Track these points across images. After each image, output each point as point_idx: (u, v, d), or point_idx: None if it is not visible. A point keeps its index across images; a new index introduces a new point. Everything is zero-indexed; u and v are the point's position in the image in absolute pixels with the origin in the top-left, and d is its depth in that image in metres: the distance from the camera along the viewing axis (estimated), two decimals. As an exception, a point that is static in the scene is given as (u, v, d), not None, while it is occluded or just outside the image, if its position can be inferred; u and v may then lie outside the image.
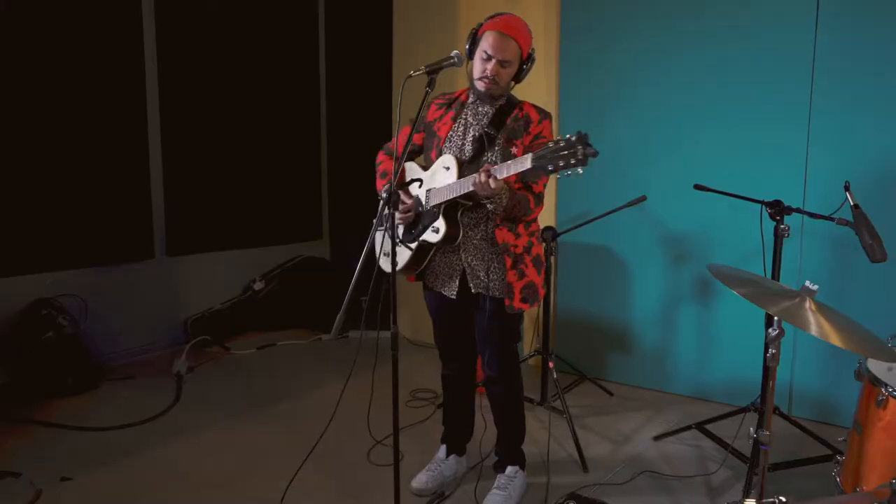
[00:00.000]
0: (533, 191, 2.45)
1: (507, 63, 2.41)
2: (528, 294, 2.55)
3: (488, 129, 2.48)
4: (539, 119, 2.48)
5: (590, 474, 2.98)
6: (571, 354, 4.04)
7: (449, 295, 2.62)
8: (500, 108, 2.51)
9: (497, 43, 2.39)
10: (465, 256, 2.54)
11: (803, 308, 2.04)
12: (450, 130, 2.56)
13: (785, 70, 3.39)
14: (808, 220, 3.17)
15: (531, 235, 2.57)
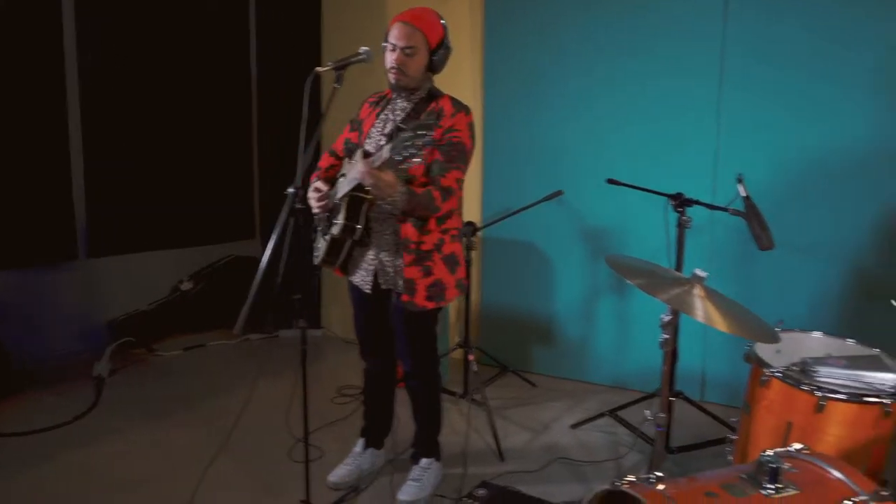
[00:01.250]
0: (440, 185, 2.42)
1: (410, 51, 2.42)
2: (435, 293, 2.55)
3: (401, 124, 2.51)
4: (453, 112, 2.46)
5: (506, 463, 3.05)
6: (496, 347, 4.11)
7: (364, 289, 2.64)
8: (419, 103, 2.53)
9: (399, 32, 2.42)
10: (376, 251, 2.57)
11: (692, 294, 2.13)
12: (371, 126, 2.59)
13: (695, 66, 3.51)
14: (718, 212, 3.28)
15: (444, 233, 2.54)
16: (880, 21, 3.13)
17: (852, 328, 2.68)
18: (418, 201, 2.37)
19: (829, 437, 2.11)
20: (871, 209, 3.25)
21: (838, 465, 1.77)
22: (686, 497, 1.65)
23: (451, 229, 2.57)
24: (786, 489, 1.66)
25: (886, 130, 3.18)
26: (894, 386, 2.10)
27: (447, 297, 2.60)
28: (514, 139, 4.00)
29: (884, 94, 3.16)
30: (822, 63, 3.25)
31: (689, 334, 3.43)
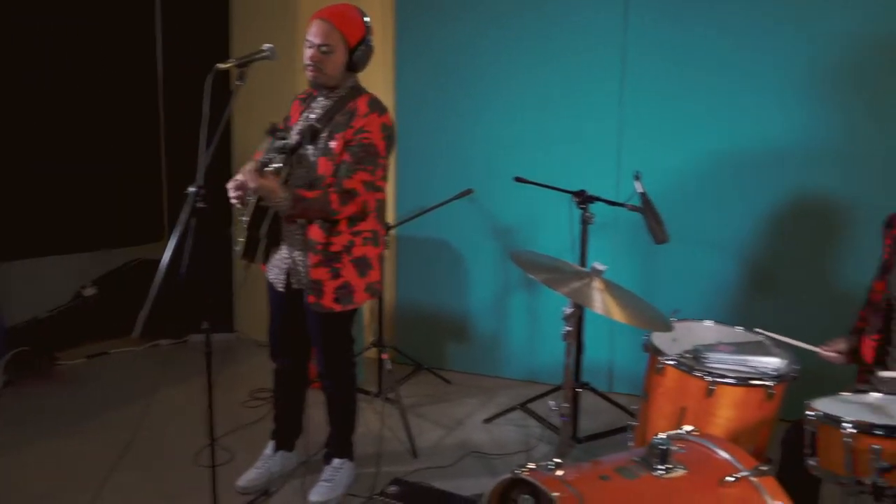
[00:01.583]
0: (342, 187, 2.40)
1: (326, 49, 2.40)
2: (343, 295, 2.53)
3: (316, 123, 2.49)
4: (366, 113, 2.44)
5: (420, 460, 3.07)
6: (411, 345, 4.13)
7: (277, 287, 2.62)
8: (338, 101, 2.51)
9: (316, 29, 2.42)
10: (289, 250, 2.55)
11: (592, 287, 2.21)
12: (295, 123, 2.57)
13: (598, 67, 3.63)
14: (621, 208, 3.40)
15: (356, 235, 2.52)
16: (778, 23, 3.30)
17: (741, 316, 2.83)
18: (307, 205, 2.36)
19: (719, 419, 2.22)
20: (762, 205, 3.44)
21: (723, 445, 1.87)
22: (582, 481, 1.70)
23: (363, 232, 2.54)
24: (674, 469, 1.75)
25: (777, 130, 3.37)
26: (776, 369, 2.23)
27: (355, 301, 2.58)
28: (426, 139, 4.02)
29: (776, 95, 3.35)
30: (720, 63, 3.42)
31: (597, 327, 3.55)
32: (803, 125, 3.33)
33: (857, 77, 3.22)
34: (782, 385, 2.22)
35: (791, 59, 3.31)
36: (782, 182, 3.39)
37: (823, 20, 3.23)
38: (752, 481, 1.75)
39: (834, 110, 3.28)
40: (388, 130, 2.50)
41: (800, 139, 3.34)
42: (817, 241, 3.38)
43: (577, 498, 1.63)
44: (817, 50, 3.26)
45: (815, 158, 3.32)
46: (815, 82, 3.29)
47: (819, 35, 3.25)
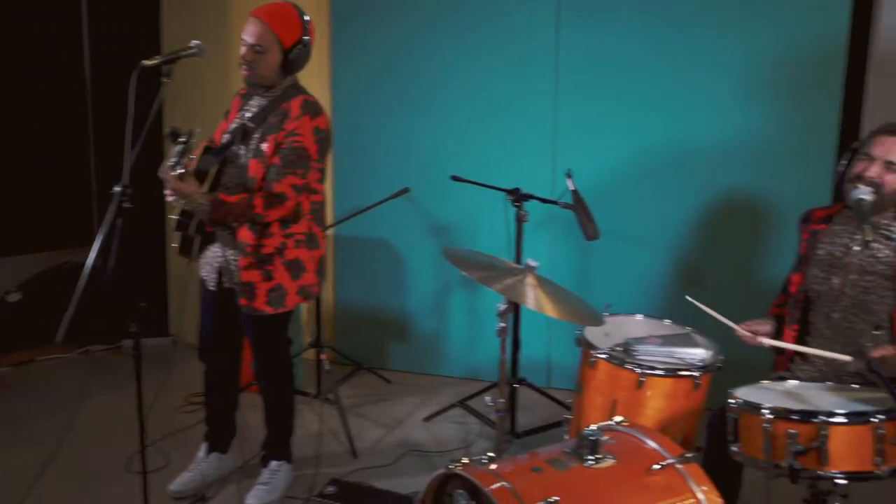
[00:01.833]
0: (271, 191, 2.38)
1: (260, 49, 2.37)
2: (274, 298, 2.51)
3: (248, 122, 2.45)
4: (297, 115, 2.41)
5: (360, 460, 3.07)
6: (351, 346, 4.11)
7: (209, 286, 2.58)
8: (273, 101, 2.47)
9: (251, 28, 2.39)
10: (222, 248, 2.51)
11: (525, 284, 2.24)
12: (231, 121, 2.52)
13: (532, 67, 3.67)
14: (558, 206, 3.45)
15: (288, 237, 2.49)
16: (703, 28, 3.40)
17: (672, 310, 2.92)
18: (228, 210, 2.33)
19: (649, 410, 2.29)
20: (689, 203, 3.54)
21: (651, 435, 1.93)
22: (514, 474, 1.74)
23: (296, 234, 2.51)
24: (604, 459, 1.79)
25: (702, 131, 3.47)
26: (703, 360, 2.31)
27: (287, 304, 2.55)
28: (363, 138, 4.01)
29: (701, 98, 3.45)
30: (649, 65, 3.50)
31: (535, 324, 3.60)
32: (726, 126, 3.43)
33: (775, 81, 3.35)
34: (708, 375, 2.31)
35: (716, 63, 3.41)
36: (708, 181, 3.50)
37: (745, 27, 3.35)
38: (677, 468, 1.81)
39: (754, 112, 3.39)
40: (322, 133, 2.46)
41: (723, 140, 3.44)
42: (742, 237, 3.50)
43: (509, 490, 1.66)
44: (741, 54, 3.37)
45: (738, 158, 3.43)
46: (736, 85, 3.40)
47: (742, 41, 3.36)
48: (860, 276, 2.19)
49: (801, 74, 3.30)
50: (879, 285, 2.16)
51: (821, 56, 3.25)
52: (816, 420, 1.79)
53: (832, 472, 1.79)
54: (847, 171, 2.22)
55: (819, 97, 3.28)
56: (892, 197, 2.14)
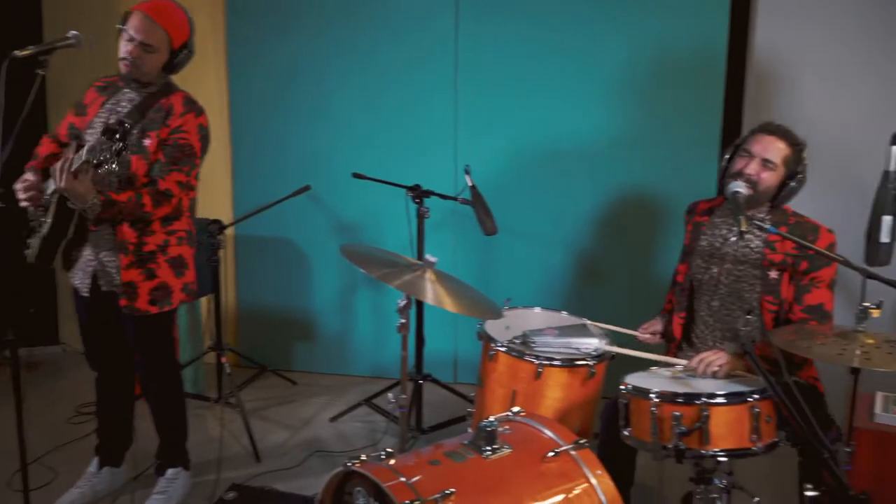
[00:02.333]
0: (157, 188, 2.33)
1: (150, 48, 2.30)
2: (159, 296, 2.44)
3: (125, 119, 2.35)
4: (182, 112, 2.37)
5: (263, 463, 3.01)
6: (255, 348, 4.03)
7: (82, 292, 2.46)
8: (149, 97, 2.38)
9: (139, 25, 2.29)
10: (95, 251, 2.40)
11: (424, 279, 2.25)
12: (96, 115, 2.39)
13: (432, 65, 3.70)
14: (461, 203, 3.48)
15: (170, 234, 2.45)
16: (598, 25, 3.50)
17: (573, 303, 3.01)
18: (119, 209, 2.27)
19: (548, 400, 2.34)
20: (587, 198, 3.65)
21: (547, 423, 1.97)
22: (412, 468, 1.74)
23: (178, 231, 2.47)
24: (500, 449, 1.82)
25: (598, 127, 3.59)
26: (597, 349, 2.38)
27: (173, 302, 2.49)
28: (263, 137, 3.93)
29: (597, 94, 3.56)
30: (544, 63, 3.59)
31: (441, 320, 3.63)
32: (619, 123, 3.56)
33: (663, 79, 3.48)
34: (603, 364, 2.38)
35: (608, 61, 3.53)
36: (604, 176, 3.62)
37: (634, 26, 3.47)
38: (571, 455, 1.86)
39: (644, 109, 3.53)
40: (205, 131, 2.45)
41: (616, 136, 3.57)
42: (636, 230, 3.64)
43: (406, 485, 1.66)
44: (630, 53, 3.50)
45: (630, 153, 3.56)
46: (626, 83, 3.52)
47: (632, 39, 3.49)
48: (734, 266, 2.32)
49: (685, 73, 3.45)
50: (750, 274, 2.29)
51: (703, 55, 3.40)
52: (698, 402, 1.89)
53: (714, 451, 1.90)
54: (729, 167, 2.34)
55: (703, 95, 3.44)
56: (767, 192, 2.28)
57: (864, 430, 2.18)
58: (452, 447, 1.86)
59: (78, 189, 2.15)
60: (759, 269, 2.28)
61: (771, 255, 2.26)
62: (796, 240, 2.15)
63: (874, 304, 1.79)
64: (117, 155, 2.08)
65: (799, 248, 2.20)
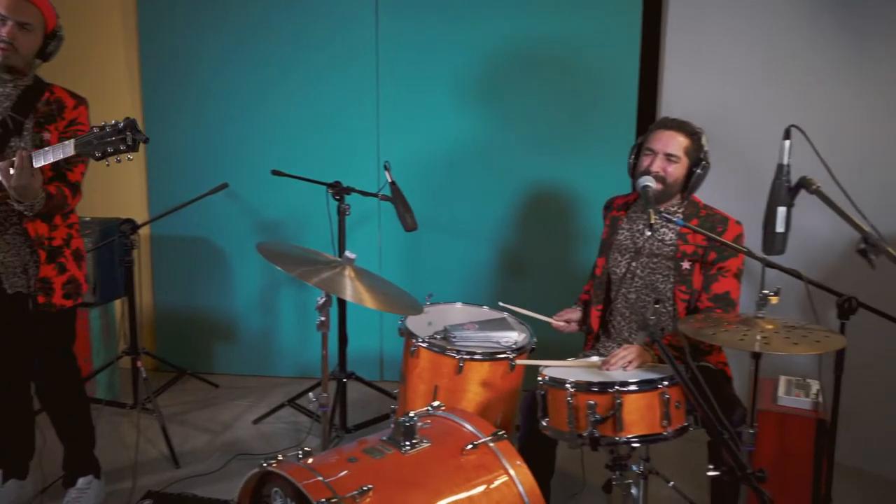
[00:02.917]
0: (69, 181, 2.30)
1: (27, 26, 2.19)
2: (71, 290, 2.39)
3: (13, 114, 2.26)
4: (75, 105, 2.35)
5: (182, 469, 2.93)
6: (174, 351, 3.91)
7: None
8: (26, 90, 2.28)
9: (11, 3, 2.17)
10: None
11: (343, 276, 2.24)
12: None
13: (355, 63, 3.68)
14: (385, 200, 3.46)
15: (70, 227, 2.42)
16: (517, 22, 3.54)
17: (496, 298, 3.01)
18: (55, 203, 2.25)
19: (469, 394, 2.36)
20: (508, 194, 3.70)
21: (466, 417, 1.99)
22: (330, 467, 1.73)
23: (75, 224, 2.46)
24: (420, 444, 1.83)
25: (519, 124, 3.63)
26: (516, 342, 2.41)
27: (82, 293, 2.46)
28: (179, 134, 3.83)
29: (516, 91, 3.61)
30: (465, 60, 3.61)
31: (367, 318, 3.61)
32: (537, 119, 3.61)
33: (579, 74, 3.55)
34: (523, 357, 2.42)
35: (524, 60, 3.57)
36: (524, 172, 3.67)
37: (546, 25, 3.53)
38: (490, 447, 1.88)
39: (560, 105, 3.58)
40: (89, 121, 2.41)
41: (535, 132, 3.62)
42: (556, 224, 3.71)
43: (323, 483, 1.64)
44: (546, 51, 3.55)
45: (550, 149, 3.62)
46: (544, 80, 3.58)
47: (547, 37, 3.54)
48: (650, 259, 2.40)
49: (600, 70, 3.53)
50: (664, 266, 2.37)
51: (618, 51, 3.49)
52: (612, 390, 1.94)
53: (627, 437, 1.95)
54: (636, 166, 2.42)
55: (617, 90, 3.53)
56: (676, 184, 2.36)
57: (768, 412, 2.28)
58: (371, 444, 1.85)
59: (34, 187, 2.09)
60: (673, 261, 2.36)
61: (683, 246, 2.34)
62: (703, 232, 2.23)
63: (772, 292, 1.88)
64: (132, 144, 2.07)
65: (708, 240, 2.29)
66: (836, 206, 1.71)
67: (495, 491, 1.81)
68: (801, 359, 2.64)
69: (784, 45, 3.03)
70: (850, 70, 2.91)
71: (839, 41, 2.92)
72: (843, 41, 2.91)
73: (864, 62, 2.89)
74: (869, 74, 2.90)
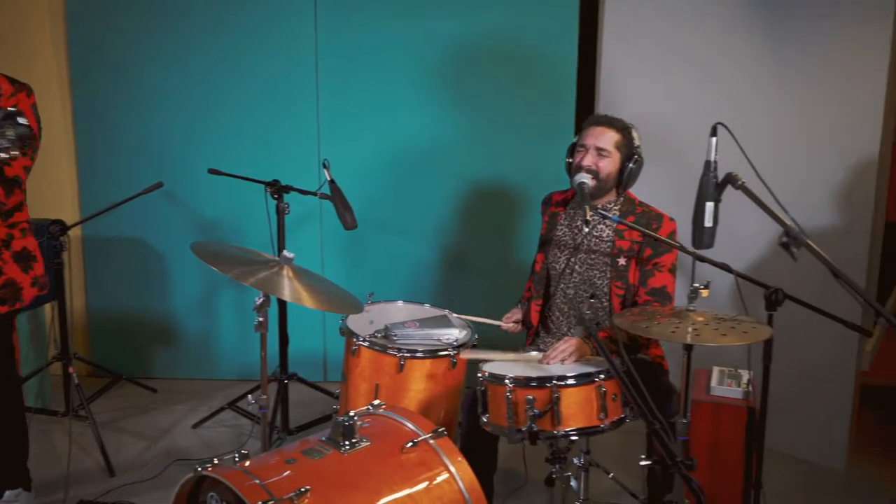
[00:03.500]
0: (5, 176, 2.18)
1: None
2: (7, 294, 2.28)
3: None
4: (12, 92, 2.21)
5: (118, 477, 2.85)
6: (110, 355, 3.79)
7: None
8: None
9: None
10: None
11: (281, 276, 2.21)
12: None
13: (294, 60, 3.63)
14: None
15: (12, 227, 2.30)
16: (453, 22, 3.53)
17: (442, 296, 3.04)
18: None
19: (411, 392, 2.35)
20: (450, 191, 3.70)
21: (406, 415, 1.98)
22: (268, 469, 1.70)
23: (20, 223, 2.33)
24: (359, 443, 1.82)
25: (459, 121, 3.64)
26: (457, 339, 2.42)
27: (24, 298, 2.34)
28: (112, 131, 3.72)
29: (458, 89, 3.62)
30: (403, 59, 3.60)
31: (310, 318, 3.57)
32: (475, 118, 3.62)
33: (518, 72, 3.58)
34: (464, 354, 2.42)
35: (462, 59, 3.58)
36: (466, 169, 3.67)
37: (484, 24, 3.55)
38: (430, 444, 1.88)
39: (499, 103, 3.60)
40: (37, 111, 2.31)
41: (473, 130, 3.63)
42: (499, 221, 3.73)
43: (259, 486, 1.62)
44: (484, 49, 3.56)
45: (488, 146, 3.63)
46: (482, 78, 3.59)
47: (485, 38, 3.55)
48: (588, 255, 2.44)
49: (539, 68, 3.56)
50: (601, 262, 2.41)
51: (557, 48, 3.53)
52: (550, 385, 1.97)
53: (565, 430, 1.98)
54: (572, 163, 2.46)
55: (558, 88, 3.56)
56: (609, 179, 2.40)
57: (702, 402, 2.35)
58: (310, 444, 1.83)
59: None
60: (610, 257, 2.40)
61: (620, 242, 2.39)
62: (639, 228, 2.28)
63: (703, 285, 1.93)
64: (13, 143, 1.90)
65: (643, 236, 2.34)
66: (759, 200, 1.77)
67: (436, 488, 1.81)
68: (735, 349, 2.72)
69: (716, 43, 3.12)
70: (777, 69, 3.01)
71: (768, 40, 3.02)
72: (774, 40, 3.01)
73: (788, 62, 2.99)
74: (795, 75, 3.00)
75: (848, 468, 3.01)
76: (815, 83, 2.93)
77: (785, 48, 2.97)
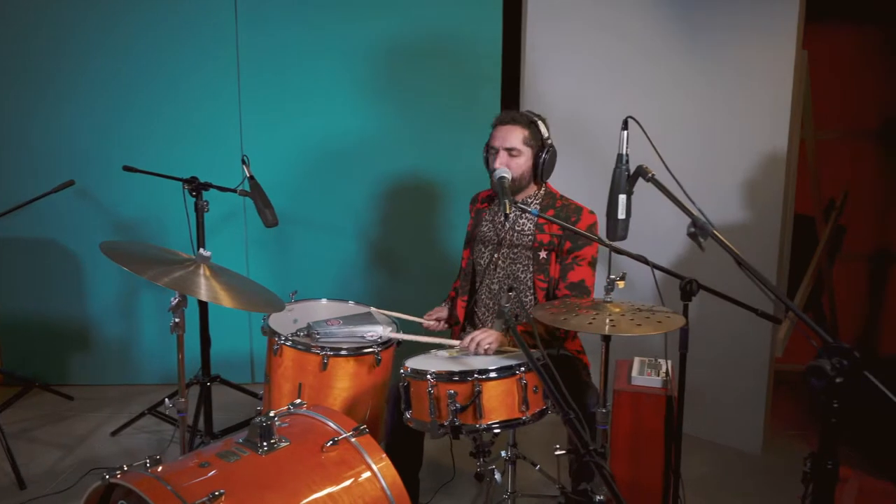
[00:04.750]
0: None
1: None
2: None
3: None
4: None
5: (29, 490, 2.72)
6: (21, 362, 3.63)
7: None
8: None
9: None
10: None
11: (197, 275, 2.14)
12: None
13: (215, 57, 3.55)
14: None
15: None
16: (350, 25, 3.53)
17: (368, 293, 3.01)
18: None
19: (335, 390, 2.32)
20: (375, 189, 3.69)
21: (327, 413, 1.95)
22: (180, 474, 1.65)
23: None
24: (278, 444, 1.78)
25: (386, 119, 3.63)
26: (381, 336, 2.40)
27: None
28: (19, 128, 3.56)
29: (379, 87, 3.60)
30: (325, 57, 3.56)
31: (235, 319, 3.49)
32: (400, 116, 3.63)
33: (443, 72, 3.59)
34: (389, 350, 2.41)
35: (385, 57, 3.57)
36: (392, 166, 3.67)
37: (408, 24, 3.55)
38: (352, 442, 1.86)
39: (424, 102, 3.61)
40: None
41: (397, 129, 3.63)
42: (423, 219, 3.74)
43: (171, 492, 1.56)
44: (408, 47, 3.57)
45: (413, 144, 3.65)
46: (406, 77, 3.60)
47: (410, 37, 3.56)
48: (510, 250, 2.46)
49: (465, 64, 3.58)
50: (524, 256, 2.44)
51: (481, 44, 3.55)
52: (471, 378, 1.97)
53: (488, 424, 1.98)
54: (488, 165, 2.47)
55: (482, 84, 3.59)
56: (526, 176, 2.42)
57: (623, 391, 2.39)
58: (225, 447, 1.78)
59: None
60: (531, 251, 2.42)
61: (540, 236, 2.41)
62: (558, 222, 2.30)
63: (619, 277, 1.97)
64: None
65: (563, 229, 2.36)
66: (668, 192, 1.81)
67: (357, 487, 1.78)
68: (656, 340, 2.79)
69: (633, 41, 3.18)
70: (692, 65, 3.10)
71: (683, 37, 3.10)
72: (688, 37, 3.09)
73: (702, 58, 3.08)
74: (710, 71, 3.09)
75: (764, 451, 3.13)
76: (727, 79, 3.02)
77: (698, 44, 3.06)
